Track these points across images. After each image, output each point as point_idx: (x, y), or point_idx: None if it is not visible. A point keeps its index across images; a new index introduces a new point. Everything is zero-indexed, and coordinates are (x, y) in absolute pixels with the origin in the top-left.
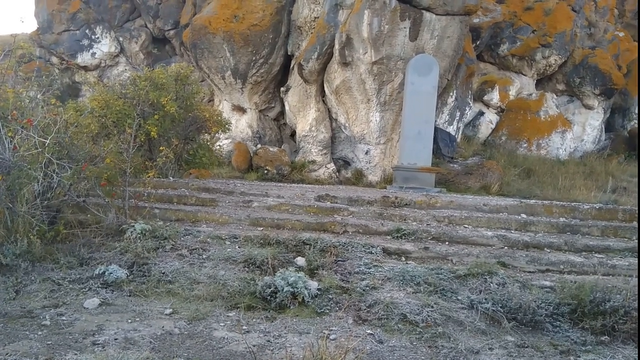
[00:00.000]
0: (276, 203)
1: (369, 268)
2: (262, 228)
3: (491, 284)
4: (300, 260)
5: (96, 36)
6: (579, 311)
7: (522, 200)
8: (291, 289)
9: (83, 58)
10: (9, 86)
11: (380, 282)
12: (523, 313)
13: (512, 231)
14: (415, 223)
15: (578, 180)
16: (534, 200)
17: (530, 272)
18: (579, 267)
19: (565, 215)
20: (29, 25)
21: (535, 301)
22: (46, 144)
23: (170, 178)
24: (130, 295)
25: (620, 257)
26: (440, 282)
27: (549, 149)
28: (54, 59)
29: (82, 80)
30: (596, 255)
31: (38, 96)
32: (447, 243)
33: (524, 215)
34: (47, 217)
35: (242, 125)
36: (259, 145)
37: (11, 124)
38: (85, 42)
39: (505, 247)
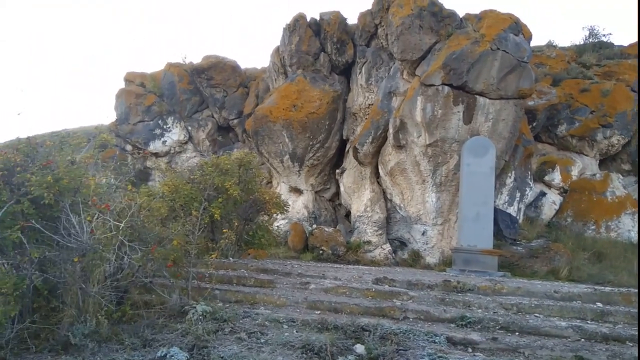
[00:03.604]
0: (333, 285)
1: (433, 359)
2: (319, 311)
3: None
4: (360, 348)
5: (167, 126)
6: None
7: (597, 288)
8: None
9: (155, 145)
10: (91, 173)
11: None
12: None
13: (588, 322)
14: (480, 310)
15: None
16: (609, 288)
17: None
18: None
19: None
20: (106, 116)
21: None
22: (120, 227)
23: (230, 259)
24: None
25: None
26: None
27: (619, 232)
28: (129, 147)
29: (154, 166)
30: None
31: (114, 182)
32: (517, 333)
33: (599, 304)
34: (115, 297)
35: (299, 206)
36: (314, 226)
37: (91, 209)
38: (158, 131)
39: (582, 340)
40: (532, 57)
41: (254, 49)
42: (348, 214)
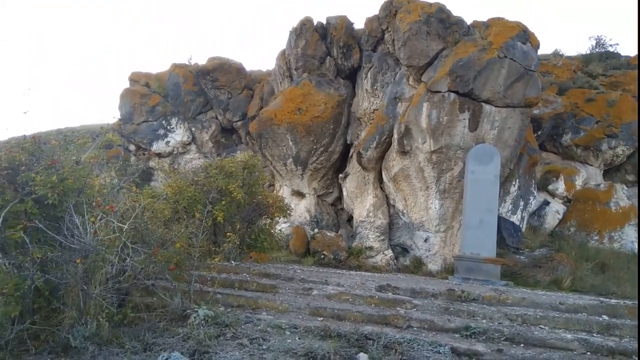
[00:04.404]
0: (336, 292)
1: None
2: (322, 318)
3: None
4: (363, 357)
5: (171, 126)
6: None
7: (602, 300)
8: None
9: (158, 146)
10: (95, 173)
11: None
12: None
13: (594, 334)
14: (485, 321)
15: None
16: (615, 300)
17: None
18: None
19: None
20: (112, 117)
21: None
22: (124, 229)
23: (232, 262)
24: None
25: None
26: None
27: (622, 242)
28: (132, 147)
29: (157, 166)
30: None
31: (117, 182)
32: (522, 345)
33: (605, 317)
34: (116, 300)
35: (301, 209)
36: (316, 230)
37: (94, 210)
38: (161, 131)
39: (588, 353)
40: (539, 65)
41: (260, 51)
42: (350, 219)
